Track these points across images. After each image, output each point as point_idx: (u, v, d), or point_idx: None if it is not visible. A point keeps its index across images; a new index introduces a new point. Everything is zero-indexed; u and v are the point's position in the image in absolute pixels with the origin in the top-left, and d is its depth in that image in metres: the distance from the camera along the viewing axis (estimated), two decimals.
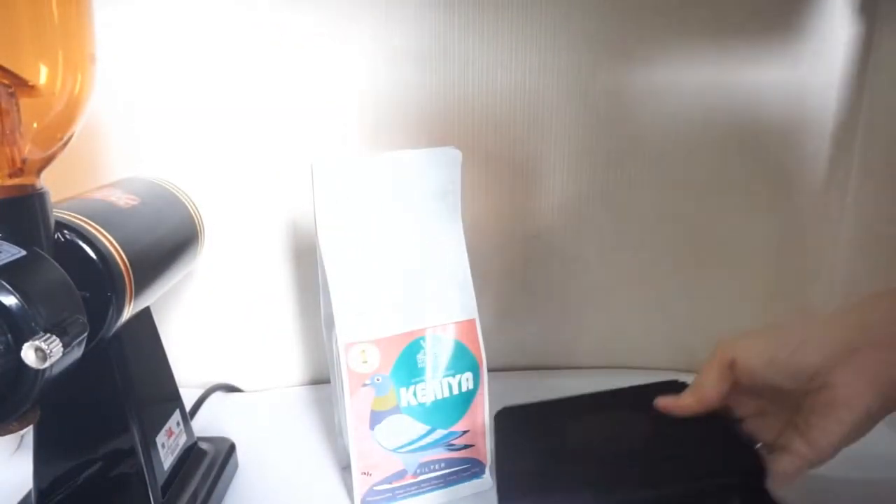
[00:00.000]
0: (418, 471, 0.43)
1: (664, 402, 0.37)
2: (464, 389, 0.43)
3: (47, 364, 0.27)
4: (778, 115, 0.55)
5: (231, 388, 0.61)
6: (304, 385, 0.62)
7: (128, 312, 0.37)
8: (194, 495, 0.42)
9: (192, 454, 0.45)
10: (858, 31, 0.54)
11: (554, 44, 0.54)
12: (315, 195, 0.40)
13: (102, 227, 0.35)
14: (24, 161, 0.31)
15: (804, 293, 0.62)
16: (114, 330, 0.36)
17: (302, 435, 0.53)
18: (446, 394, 0.43)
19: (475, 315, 0.44)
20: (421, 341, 0.42)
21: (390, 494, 0.43)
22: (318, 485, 0.46)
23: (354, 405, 0.41)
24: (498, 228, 0.59)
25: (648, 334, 0.62)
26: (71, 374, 0.31)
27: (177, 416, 0.44)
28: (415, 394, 0.42)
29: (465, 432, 0.44)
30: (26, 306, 0.27)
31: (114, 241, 0.35)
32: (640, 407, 0.38)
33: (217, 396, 0.59)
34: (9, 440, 0.51)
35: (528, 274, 0.60)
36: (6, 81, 0.30)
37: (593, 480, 0.33)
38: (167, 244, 0.43)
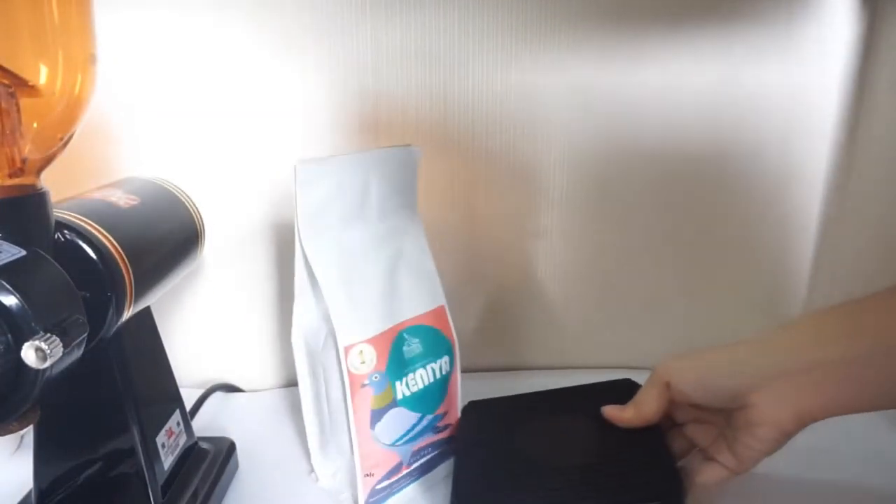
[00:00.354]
0: (411, 460, 0.44)
1: (609, 412, 0.40)
2: (443, 373, 0.45)
3: (47, 364, 0.27)
4: (778, 114, 0.55)
5: (231, 388, 0.61)
6: None
7: (128, 312, 0.37)
8: (194, 495, 0.42)
9: (192, 454, 0.45)
10: (859, 31, 0.54)
11: (554, 44, 0.54)
12: (297, 197, 0.40)
13: (102, 227, 0.35)
14: (24, 161, 0.31)
15: (804, 293, 0.62)
16: (114, 330, 0.36)
17: (302, 435, 0.53)
18: (430, 379, 0.44)
19: (443, 301, 0.46)
20: (405, 333, 0.44)
21: (388, 490, 0.43)
22: (317, 485, 0.46)
23: (356, 407, 0.41)
24: (497, 228, 0.59)
25: (648, 334, 0.62)
26: (71, 374, 0.31)
27: (177, 415, 0.44)
28: (407, 384, 0.43)
29: (445, 413, 0.46)
30: (26, 306, 0.27)
31: (114, 241, 0.35)
32: (593, 408, 0.42)
33: (217, 396, 0.59)
34: (9, 440, 0.51)
35: (528, 273, 0.60)
36: (6, 81, 0.30)
37: (531, 489, 0.37)
38: (167, 244, 0.43)
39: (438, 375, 0.45)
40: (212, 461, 0.45)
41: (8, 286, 0.27)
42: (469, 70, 0.54)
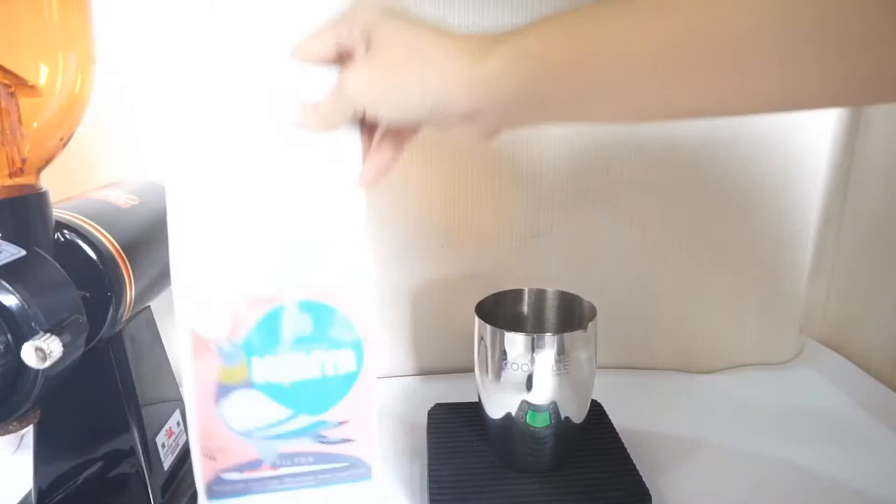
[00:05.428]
0: (278, 462, 0.37)
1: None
2: (341, 371, 0.36)
3: (47, 364, 0.27)
4: (778, 114, 0.55)
5: None
6: None
7: (128, 312, 0.37)
8: (194, 495, 0.42)
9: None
10: None
11: None
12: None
13: (102, 227, 0.35)
14: (24, 161, 0.32)
15: (804, 293, 0.62)
16: (114, 329, 0.36)
17: None
18: (316, 373, 0.35)
19: (367, 280, 0.36)
20: (286, 308, 0.35)
21: (243, 485, 0.37)
22: None
23: (199, 371, 0.34)
24: (497, 228, 0.59)
25: (648, 334, 0.62)
26: (71, 374, 0.31)
27: (177, 415, 0.44)
28: (272, 367, 0.35)
29: (341, 423, 0.37)
30: (26, 306, 0.27)
31: (114, 241, 0.35)
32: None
33: None
34: (9, 440, 0.51)
35: (528, 273, 0.60)
36: (6, 81, 0.30)
37: (501, 493, 0.38)
38: (167, 244, 0.43)
39: (331, 372, 0.36)
40: None
41: (8, 286, 0.27)
42: None
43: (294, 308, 0.35)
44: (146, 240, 0.39)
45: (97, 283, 0.34)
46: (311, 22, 0.38)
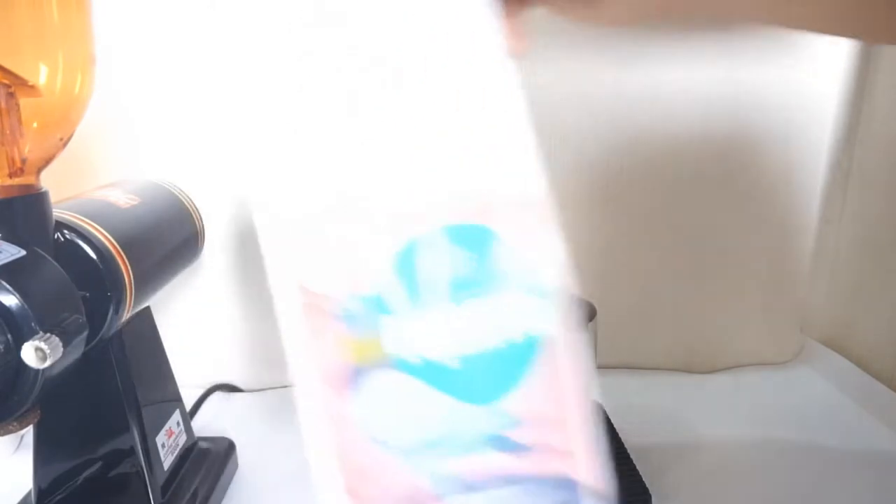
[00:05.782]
0: (451, 489, 0.23)
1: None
2: (517, 336, 0.23)
3: (47, 364, 0.27)
4: (778, 115, 0.55)
5: (231, 388, 0.61)
6: None
7: (127, 312, 0.37)
8: (194, 495, 0.42)
9: (192, 454, 0.45)
10: None
11: (555, 45, 0.54)
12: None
13: (102, 227, 0.35)
14: (23, 161, 0.31)
15: (803, 293, 0.62)
16: (114, 329, 0.36)
17: (302, 434, 0.53)
18: (488, 339, 0.23)
19: (543, 195, 0.24)
20: (431, 237, 0.23)
21: None
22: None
23: (313, 355, 0.24)
24: None
25: (648, 334, 0.62)
26: (71, 374, 0.31)
27: (177, 415, 0.44)
28: (426, 336, 0.23)
29: (528, 422, 0.23)
30: (26, 306, 0.27)
31: (113, 241, 0.35)
32: None
33: (217, 396, 0.58)
34: (9, 440, 0.51)
35: None
36: (6, 81, 0.30)
37: None
38: (167, 244, 0.43)
39: (506, 336, 0.23)
40: (211, 461, 0.45)
41: (8, 286, 0.27)
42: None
43: (443, 237, 0.23)
44: (146, 240, 0.39)
45: (97, 283, 0.34)
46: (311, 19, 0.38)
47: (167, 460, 0.41)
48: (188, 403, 0.49)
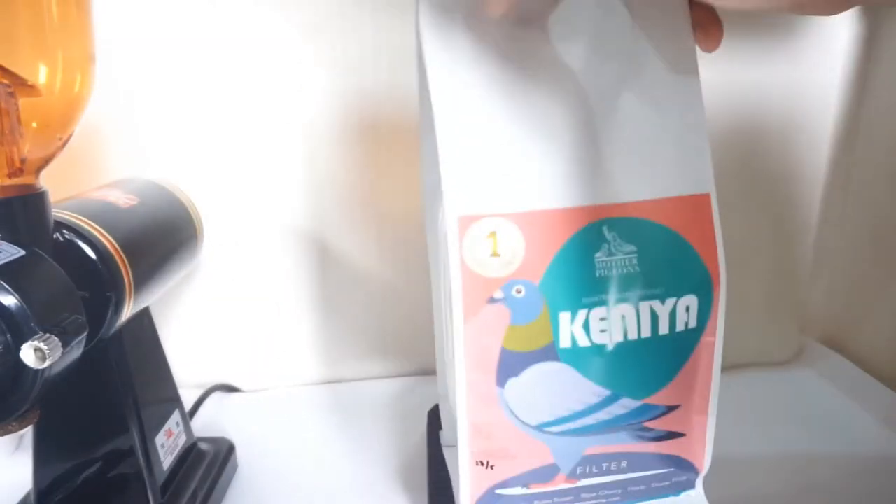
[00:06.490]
0: (580, 470, 0.26)
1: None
2: (680, 328, 0.24)
3: (46, 364, 0.27)
4: (778, 114, 0.55)
5: (230, 388, 0.61)
6: (303, 385, 0.62)
7: (127, 312, 0.36)
8: (194, 495, 0.42)
9: (191, 454, 0.45)
10: (859, 31, 0.54)
11: None
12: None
13: (102, 227, 0.35)
14: (23, 161, 0.31)
15: (804, 293, 0.62)
16: (113, 330, 0.36)
17: (302, 435, 0.53)
18: (646, 332, 0.24)
19: (710, 189, 0.25)
20: (603, 228, 0.24)
21: None
22: (317, 485, 0.46)
23: (472, 336, 0.23)
24: None
25: None
26: (70, 375, 0.31)
27: (176, 416, 0.44)
28: (587, 326, 0.23)
29: (672, 408, 0.25)
30: (25, 306, 0.27)
31: (113, 241, 0.35)
32: None
33: (216, 396, 0.58)
34: (8, 440, 0.51)
35: None
36: (5, 81, 0.30)
37: None
38: (166, 244, 0.43)
39: (666, 329, 0.24)
40: (211, 462, 0.45)
41: (7, 286, 0.27)
42: None
43: (611, 230, 0.24)
44: (146, 240, 0.39)
45: (96, 284, 0.34)
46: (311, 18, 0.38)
47: (166, 461, 0.41)
48: (187, 404, 0.49)
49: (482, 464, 0.25)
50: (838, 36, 0.54)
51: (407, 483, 0.45)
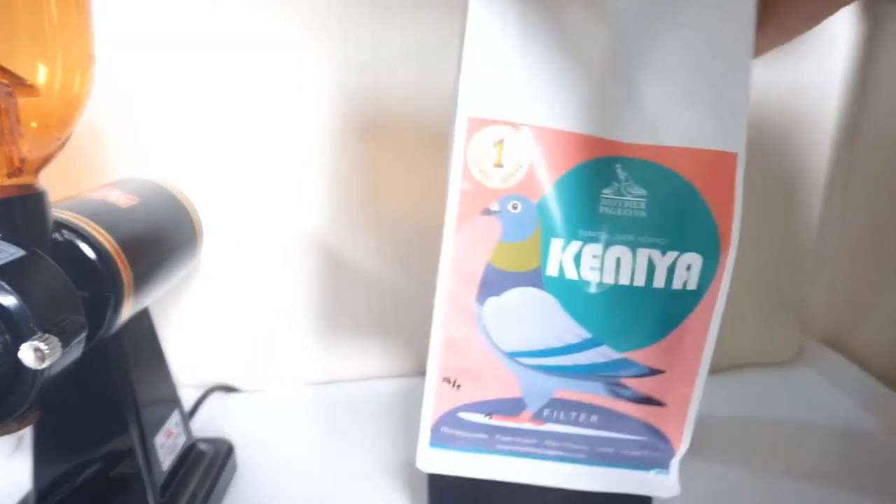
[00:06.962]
0: (547, 412, 0.25)
1: None
2: (677, 285, 0.24)
3: (46, 364, 0.27)
4: (778, 114, 0.55)
5: (230, 389, 0.61)
6: (303, 385, 0.62)
7: (127, 312, 0.36)
8: (193, 496, 0.41)
9: (191, 455, 0.45)
10: (860, 31, 0.54)
11: None
12: None
13: (101, 227, 0.35)
14: (22, 161, 0.31)
15: (804, 293, 0.62)
16: (113, 330, 0.36)
17: (301, 435, 0.53)
18: (640, 281, 0.23)
19: (740, 149, 0.26)
20: (617, 165, 0.23)
21: (486, 437, 0.26)
22: (317, 485, 0.46)
23: (460, 244, 0.22)
24: None
25: None
26: (70, 375, 0.31)
27: (176, 416, 0.44)
28: (577, 259, 0.23)
29: (656, 372, 0.25)
30: (25, 306, 0.27)
31: (113, 241, 0.35)
32: None
33: (216, 397, 0.58)
34: (8, 440, 0.51)
35: None
36: (5, 81, 0.30)
37: None
38: (166, 244, 0.43)
39: (663, 283, 0.23)
40: (210, 462, 0.45)
41: (6, 286, 0.27)
42: None
43: (625, 169, 0.23)
44: (145, 240, 0.39)
45: (96, 284, 0.34)
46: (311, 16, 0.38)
47: (166, 461, 0.41)
48: (187, 404, 0.49)
49: (448, 381, 0.24)
50: (838, 36, 0.54)
51: (407, 483, 0.45)
